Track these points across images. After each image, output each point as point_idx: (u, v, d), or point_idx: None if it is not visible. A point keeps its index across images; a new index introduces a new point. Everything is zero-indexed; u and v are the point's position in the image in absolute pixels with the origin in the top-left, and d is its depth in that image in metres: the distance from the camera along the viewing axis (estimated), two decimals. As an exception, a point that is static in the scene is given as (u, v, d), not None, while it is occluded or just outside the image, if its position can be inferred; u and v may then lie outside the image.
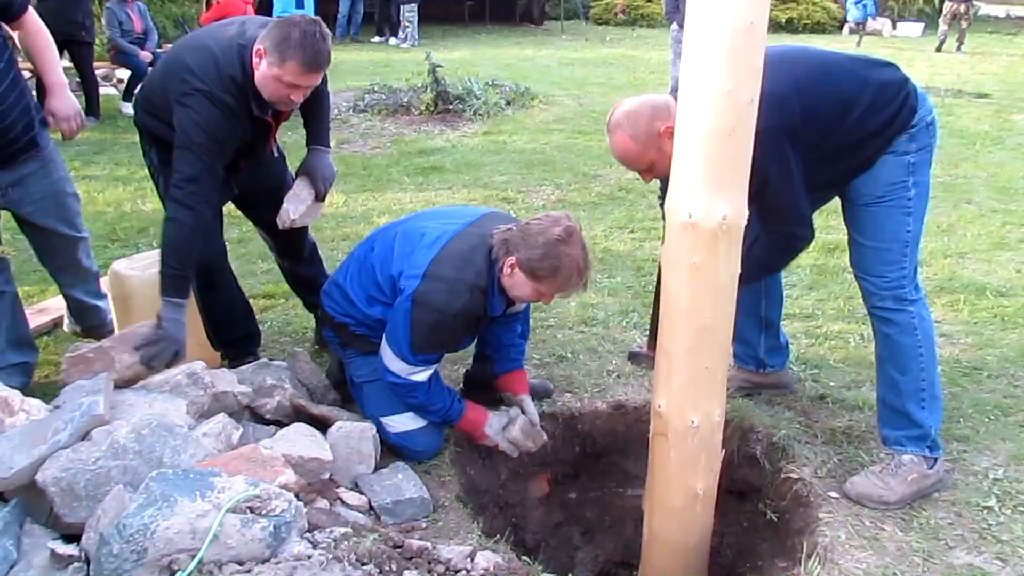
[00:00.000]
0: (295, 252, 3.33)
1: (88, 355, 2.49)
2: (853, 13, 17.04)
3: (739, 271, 2.09)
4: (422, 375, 2.58)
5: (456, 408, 2.69)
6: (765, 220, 2.39)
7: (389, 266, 2.61)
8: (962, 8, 15.36)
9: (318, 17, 2.57)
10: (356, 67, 12.55)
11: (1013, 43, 17.92)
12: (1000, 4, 22.77)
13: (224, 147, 2.62)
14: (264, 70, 2.51)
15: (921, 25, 19.99)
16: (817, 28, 19.68)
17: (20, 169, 2.85)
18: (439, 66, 8.55)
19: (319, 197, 3.02)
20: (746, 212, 2.02)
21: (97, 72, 8.67)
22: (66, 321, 3.55)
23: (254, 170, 3.00)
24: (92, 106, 8.14)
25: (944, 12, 15.70)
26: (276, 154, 3.14)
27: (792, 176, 2.33)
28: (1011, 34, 19.96)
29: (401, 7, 15.84)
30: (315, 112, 3.10)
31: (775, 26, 19.13)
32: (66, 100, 2.92)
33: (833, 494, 2.57)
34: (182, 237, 2.57)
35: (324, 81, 2.93)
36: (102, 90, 8.88)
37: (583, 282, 2.49)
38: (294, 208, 2.93)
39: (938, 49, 15.39)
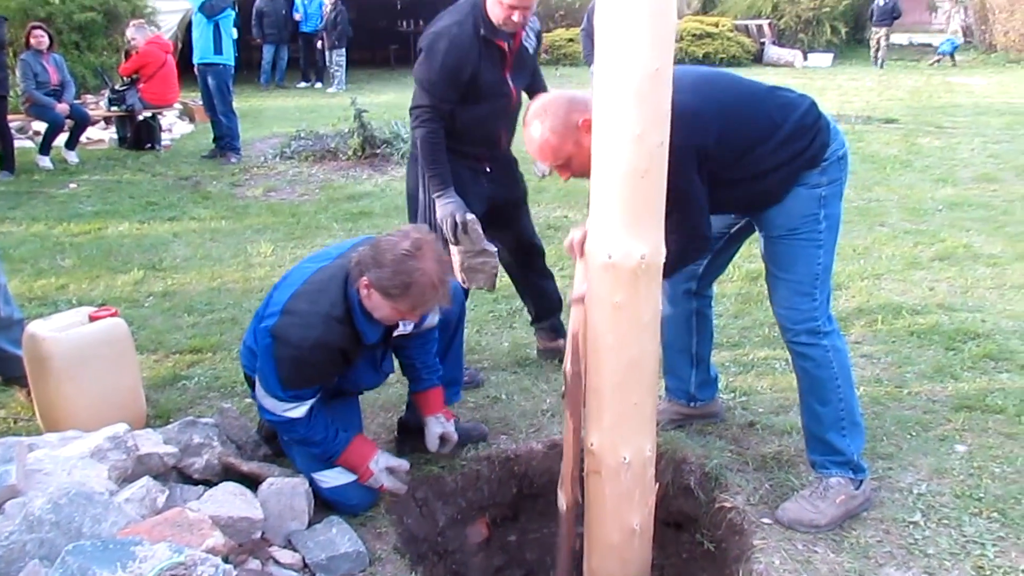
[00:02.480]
0: (534, 260, 3.78)
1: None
2: (944, 48, 19.75)
3: (661, 307, 2.13)
4: (297, 411, 2.51)
5: (341, 440, 2.60)
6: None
7: (264, 313, 2.59)
8: (883, 32, 19.30)
9: None
10: (282, 113, 12.49)
11: (916, 69, 18.76)
12: (903, 32, 23.87)
13: (451, 76, 3.14)
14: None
15: (830, 55, 20.80)
16: (733, 62, 20.27)
17: None
18: (365, 111, 8.56)
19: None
20: (664, 250, 2.07)
21: (12, 125, 8.46)
22: None
23: (500, 172, 3.44)
24: (7, 160, 7.92)
25: (871, 37, 19.82)
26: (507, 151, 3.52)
27: (695, 194, 2.36)
28: (915, 61, 20.91)
29: (329, 52, 15.85)
30: (538, 91, 3.38)
31: (693, 61, 19.67)
32: None
33: (766, 520, 2.61)
34: (423, 148, 3.20)
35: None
36: (18, 143, 8.67)
37: (441, 295, 2.39)
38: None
39: (880, 66, 19.00)
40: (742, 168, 2.42)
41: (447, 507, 2.90)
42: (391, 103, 13.08)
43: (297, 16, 16.20)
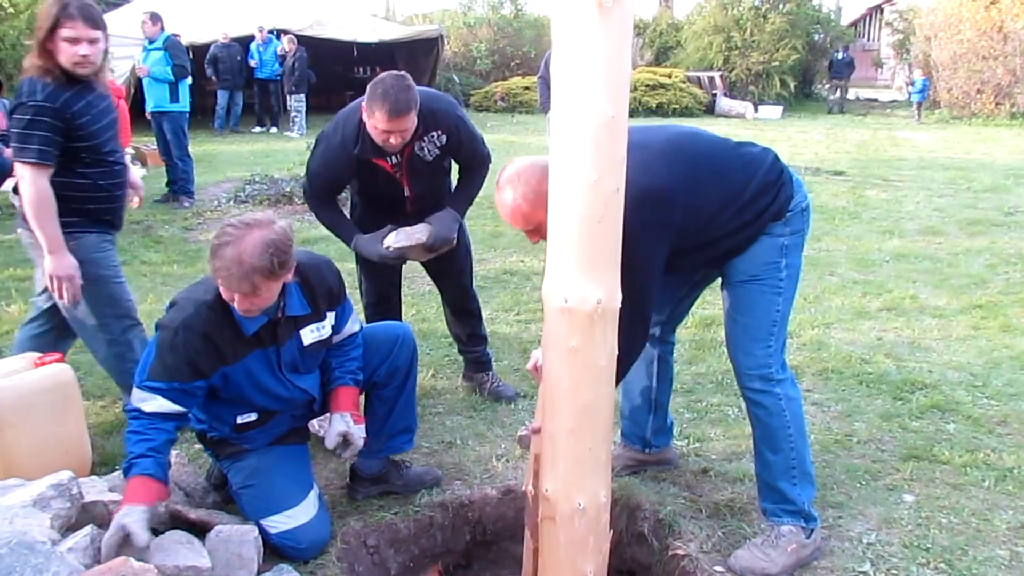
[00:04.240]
0: (455, 304, 3.99)
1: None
2: (915, 97, 20.58)
3: (616, 352, 2.15)
4: (147, 404, 2.43)
5: (143, 464, 2.37)
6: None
7: None
8: (841, 83, 22.58)
9: (403, 73, 3.10)
10: (236, 158, 12.42)
11: (863, 123, 19.37)
12: (851, 87, 24.77)
13: (325, 186, 3.45)
14: (367, 121, 3.12)
15: (780, 108, 21.44)
16: (685, 112, 20.79)
17: None
18: (321, 155, 8.55)
19: (425, 246, 3.35)
20: (620, 295, 2.09)
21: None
22: None
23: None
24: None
25: (829, 87, 23.44)
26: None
27: (651, 282, 2.41)
28: (861, 115, 21.62)
29: (288, 97, 15.87)
30: (462, 179, 3.63)
31: (646, 111, 20.14)
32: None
33: (719, 568, 2.61)
34: (318, 218, 3.56)
35: (482, 161, 3.57)
36: (-36, 187, 8.48)
37: (241, 275, 2.29)
38: (394, 238, 3.33)
39: (830, 112, 22.10)
40: (708, 232, 2.49)
41: (399, 555, 2.85)
42: (349, 148, 13.09)
43: (252, 62, 16.23)
